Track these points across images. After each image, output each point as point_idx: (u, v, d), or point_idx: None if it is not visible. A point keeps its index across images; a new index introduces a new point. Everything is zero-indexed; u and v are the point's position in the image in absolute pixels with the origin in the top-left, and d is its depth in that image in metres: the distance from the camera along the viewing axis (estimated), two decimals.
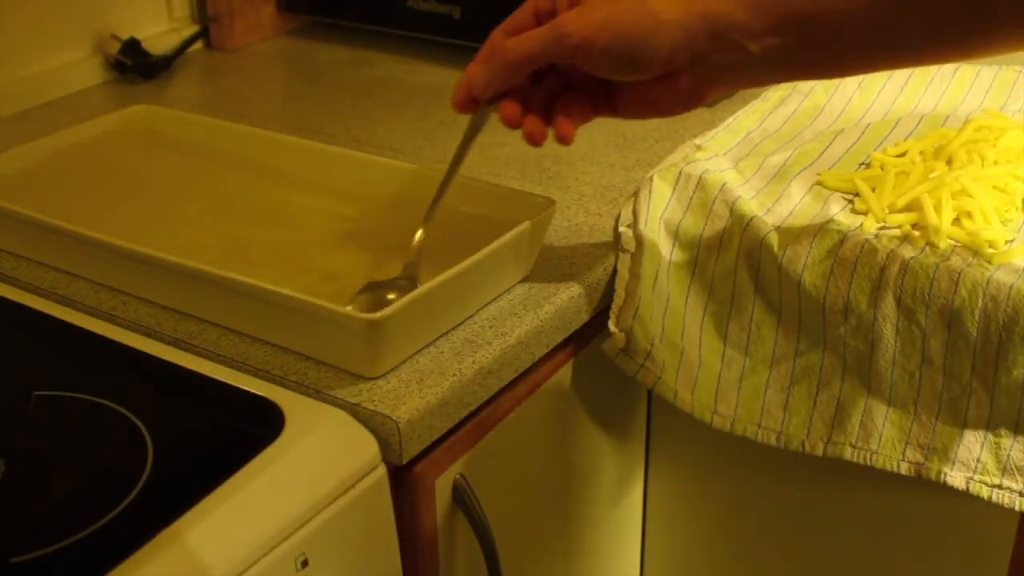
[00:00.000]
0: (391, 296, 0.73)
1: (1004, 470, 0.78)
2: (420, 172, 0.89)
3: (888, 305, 0.79)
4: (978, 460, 0.79)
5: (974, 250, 0.81)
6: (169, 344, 0.76)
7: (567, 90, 0.73)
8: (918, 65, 0.93)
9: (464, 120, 0.77)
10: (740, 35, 0.65)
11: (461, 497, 0.76)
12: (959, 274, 0.78)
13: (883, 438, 0.81)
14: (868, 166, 0.94)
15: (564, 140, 0.71)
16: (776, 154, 0.95)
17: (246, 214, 0.89)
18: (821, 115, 1.03)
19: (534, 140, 0.71)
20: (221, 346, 0.75)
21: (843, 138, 0.97)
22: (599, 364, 0.86)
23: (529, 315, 0.78)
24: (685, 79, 0.68)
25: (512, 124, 0.71)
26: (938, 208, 0.84)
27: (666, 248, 0.87)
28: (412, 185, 0.88)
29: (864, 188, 0.87)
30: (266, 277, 0.73)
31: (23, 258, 0.86)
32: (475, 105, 0.73)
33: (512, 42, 0.69)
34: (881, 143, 0.97)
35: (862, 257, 0.80)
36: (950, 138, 0.92)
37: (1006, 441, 0.78)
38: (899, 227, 0.84)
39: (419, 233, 0.77)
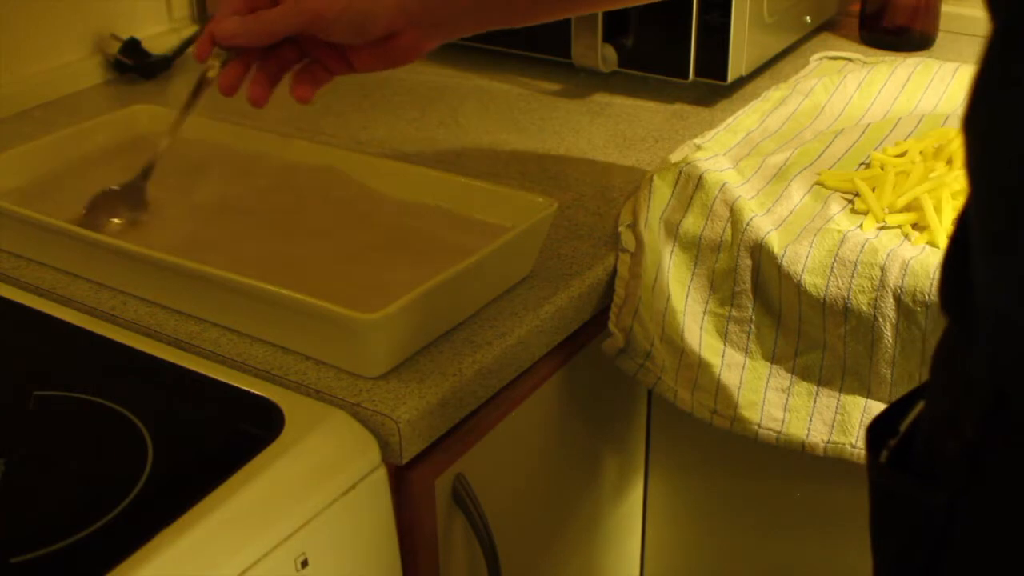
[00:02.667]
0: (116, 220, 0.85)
1: None
2: (420, 172, 0.89)
3: (888, 305, 0.79)
4: None
5: None
6: (169, 344, 0.76)
7: (302, 59, 0.83)
8: (597, 9, 1.04)
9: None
10: None
11: (461, 497, 0.76)
12: None
13: None
14: (868, 166, 0.94)
15: (302, 100, 0.82)
16: (776, 154, 0.95)
17: (245, 214, 0.89)
18: (821, 115, 1.03)
19: (257, 102, 0.81)
20: (221, 346, 0.75)
21: (843, 138, 0.97)
22: (599, 364, 0.86)
23: (529, 315, 0.78)
24: (406, 37, 0.80)
25: (228, 88, 0.80)
26: (938, 208, 0.84)
27: (666, 248, 0.87)
28: (411, 185, 0.88)
29: (864, 188, 0.87)
30: (265, 276, 0.73)
31: (23, 258, 0.86)
32: (208, 52, 0.82)
33: (267, 13, 0.79)
34: (881, 143, 0.97)
35: (862, 257, 0.80)
36: (950, 138, 0.92)
37: None
38: (899, 227, 0.84)
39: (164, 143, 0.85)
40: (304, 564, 0.64)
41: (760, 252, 0.84)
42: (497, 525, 0.77)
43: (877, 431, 0.56)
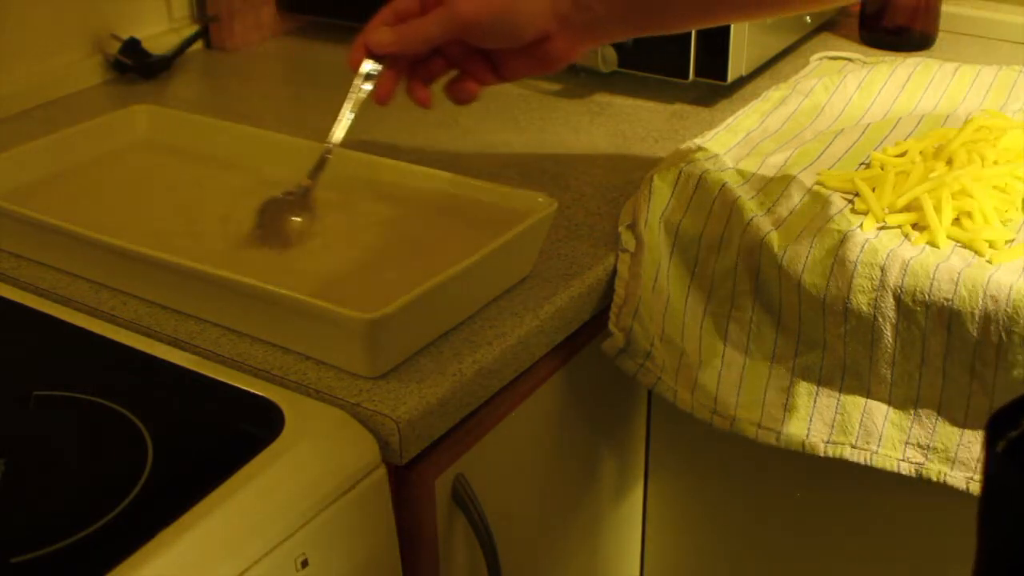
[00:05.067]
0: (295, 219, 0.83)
1: None
2: (420, 172, 0.89)
3: (888, 305, 0.79)
4: (978, 460, 0.79)
5: (974, 250, 0.81)
6: (169, 344, 0.76)
7: (449, 70, 0.83)
8: (739, 20, 1.05)
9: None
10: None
11: (461, 497, 0.76)
12: (959, 274, 0.78)
13: (883, 438, 0.81)
14: (868, 166, 0.94)
15: (461, 103, 0.83)
16: (776, 154, 0.95)
17: (245, 213, 0.89)
18: (821, 115, 1.03)
19: (424, 102, 0.83)
20: (221, 346, 0.75)
21: (843, 138, 0.97)
22: (599, 364, 0.86)
23: (529, 315, 0.78)
24: (558, 41, 0.80)
25: (383, 97, 0.82)
26: (938, 208, 0.84)
27: (666, 248, 0.87)
28: (411, 184, 0.88)
29: (864, 188, 0.87)
30: (265, 276, 0.73)
31: (23, 258, 0.86)
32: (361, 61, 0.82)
33: (418, 20, 0.80)
34: (881, 143, 0.97)
35: (862, 257, 0.80)
36: (950, 138, 0.92)
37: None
38: (899, 227, 0.84)
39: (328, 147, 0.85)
40: (304, 564, 0.64)
41: (760, 252, 0.84)
42: (497, 525, 0.77)
43: (1000, 421, 0.56)
